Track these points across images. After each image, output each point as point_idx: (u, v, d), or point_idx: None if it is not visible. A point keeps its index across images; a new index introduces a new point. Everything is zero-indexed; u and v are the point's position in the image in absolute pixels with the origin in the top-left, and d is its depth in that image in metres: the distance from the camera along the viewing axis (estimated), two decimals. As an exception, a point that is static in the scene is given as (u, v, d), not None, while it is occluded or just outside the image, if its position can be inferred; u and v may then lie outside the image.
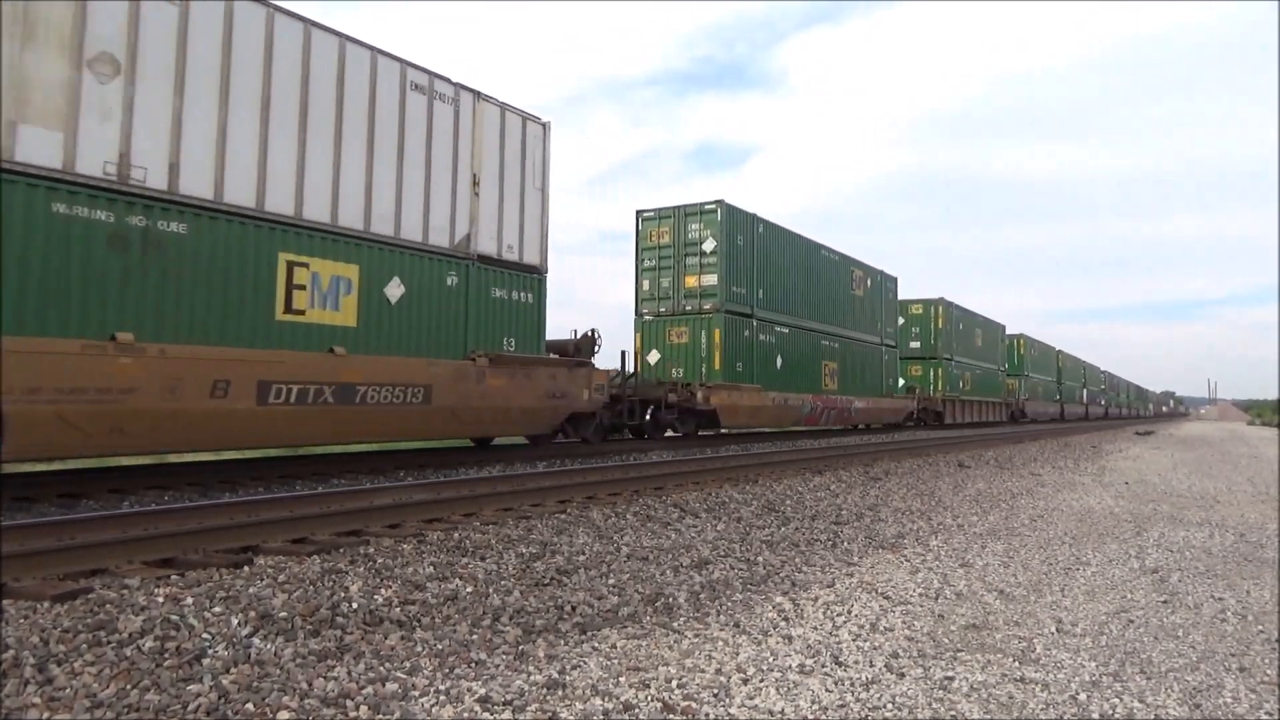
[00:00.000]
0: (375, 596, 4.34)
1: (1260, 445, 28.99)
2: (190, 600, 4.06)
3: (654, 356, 19.44)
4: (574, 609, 4.45)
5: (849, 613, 4.70)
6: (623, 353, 16.98)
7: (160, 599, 4.08)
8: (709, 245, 19.14)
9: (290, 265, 9.58)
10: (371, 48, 10.60)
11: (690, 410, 17.77)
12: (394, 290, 10.82)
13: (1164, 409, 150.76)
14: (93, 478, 8.56)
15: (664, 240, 19.66)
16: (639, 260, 20.03)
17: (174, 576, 4.61)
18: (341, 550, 5.46)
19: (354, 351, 10.18)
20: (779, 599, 4.97)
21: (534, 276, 13.19)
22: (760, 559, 6.01)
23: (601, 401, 14.53)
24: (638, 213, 20.16)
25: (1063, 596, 5.32)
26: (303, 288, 9.71)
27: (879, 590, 5.26)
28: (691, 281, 19.34)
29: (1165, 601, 5.27)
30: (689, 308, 19.29)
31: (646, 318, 19.78)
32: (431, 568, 5.07)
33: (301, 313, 9.71)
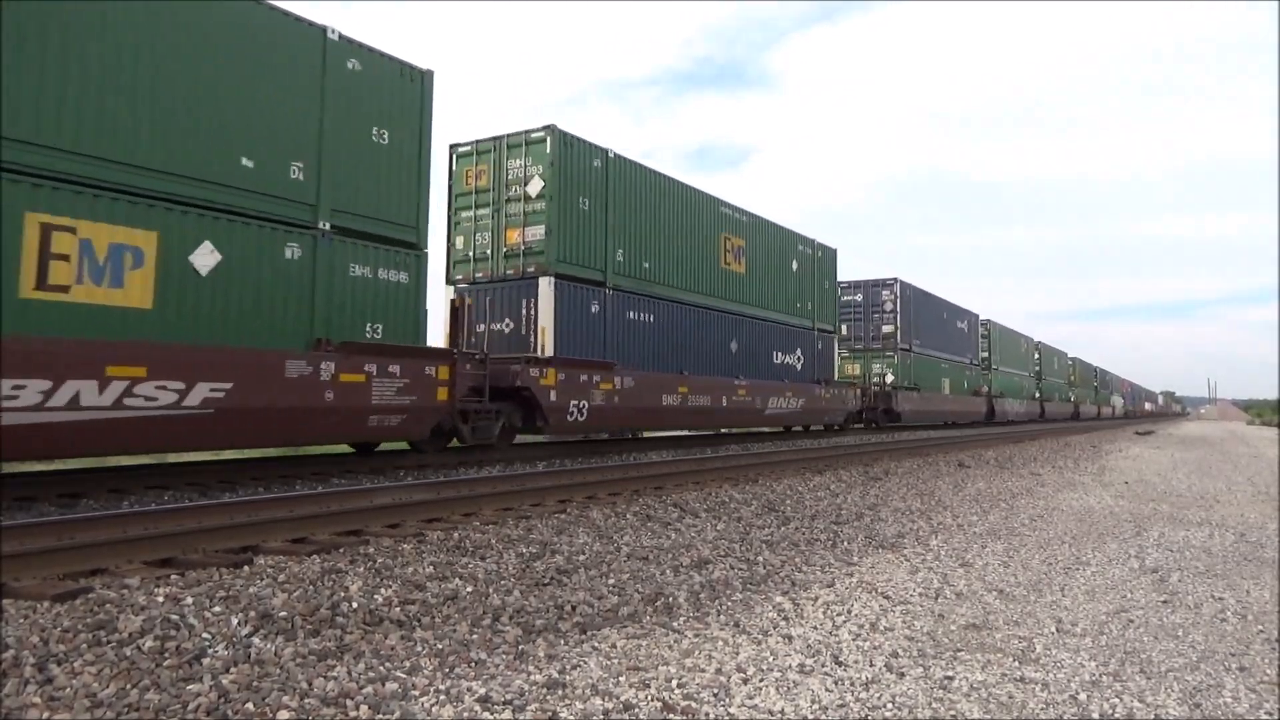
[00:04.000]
0: (375, 596, 4.34)
1: (1260, 445, 28.98)
2: (190, 600, 4.06)
3: None
4: (574, 609, 4.45)
5: (849, 612, 4.70)
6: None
7: (160, 599, 4.09)
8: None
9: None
10: None
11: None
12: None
13: (1148, 407, 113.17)
14: (93, 478, 8.56)
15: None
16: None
17: (174, 576, 4.61)
18: (341, 550, 5.46)
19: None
20: (779, 599, 4.97)
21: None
22: (760, 559, 6.01)
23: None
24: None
25: (1063, 596, 5.32)
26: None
27: (879, 590, 5.26)
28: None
29: (1165, 601, 5.27)
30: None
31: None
32: (431, 567, 5.07)
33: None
